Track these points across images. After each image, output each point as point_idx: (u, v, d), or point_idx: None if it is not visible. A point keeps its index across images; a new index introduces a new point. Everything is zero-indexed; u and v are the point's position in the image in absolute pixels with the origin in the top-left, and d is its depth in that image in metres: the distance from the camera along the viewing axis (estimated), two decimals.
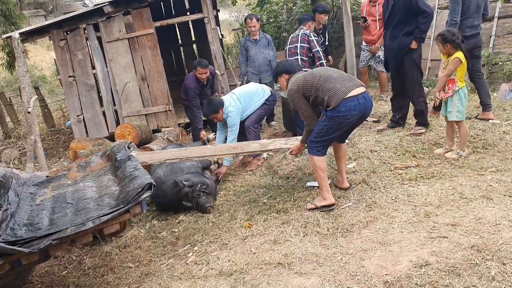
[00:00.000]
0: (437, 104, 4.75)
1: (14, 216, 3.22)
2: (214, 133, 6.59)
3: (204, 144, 6.01)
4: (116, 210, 2.93)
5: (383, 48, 7.26)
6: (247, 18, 7.28)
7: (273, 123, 7.51)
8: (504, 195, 3.62)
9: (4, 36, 8.23)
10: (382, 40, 7.12)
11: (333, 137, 3.91)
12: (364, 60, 7.72)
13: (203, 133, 6.25)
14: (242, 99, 5.54)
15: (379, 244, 3.24)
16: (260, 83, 7.23)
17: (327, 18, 7.39)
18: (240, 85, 7.46)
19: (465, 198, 3.65)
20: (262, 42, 7.17)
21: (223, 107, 5.33)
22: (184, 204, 4.58)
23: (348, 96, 3.69)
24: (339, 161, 4.28)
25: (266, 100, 5.71)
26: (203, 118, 6.62)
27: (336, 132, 3.85)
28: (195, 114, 6.42)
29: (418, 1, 5.03)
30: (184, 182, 4.57)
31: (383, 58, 7.33)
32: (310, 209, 3.94)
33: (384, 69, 7.34)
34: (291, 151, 4.32)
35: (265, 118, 7.48)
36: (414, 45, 5.20)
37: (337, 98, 3.69)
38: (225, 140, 5.53)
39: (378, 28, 7.20)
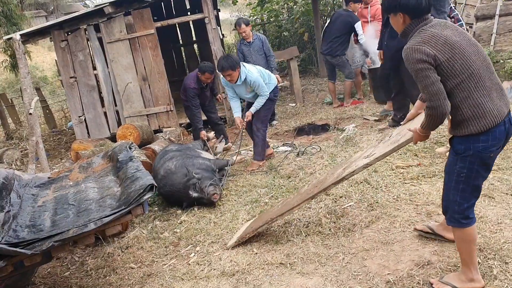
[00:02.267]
0: None
1: (16, 218, 3.23)
2: (214, 132, 6.59)
3: (204, 143, 6.02)
4: (118, 211, 2.93)
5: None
6: (236, 25, 7.17)
7: (274, 122, 7.50)
8: (506, 193, 3.62)
9: (5, 37, 8.25)
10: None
11: (480, 185, 2.57)
12: (357, 61, 7.76)
13: (203, 133, 6.26)
14: (260, 71, 5.44)
15: (381, 243, 3.25)
16: None
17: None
18: None
19: None
20: (256, 43, 7.12)
21: (240, 67, 5.20)
22: (190, 194, 4.59)
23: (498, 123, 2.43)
24: None
25: (273, 92, 5.53)
26: (203, 118, 6.63)
27: (484, 175, 2.55)
28: (194, 114, 6.42)
29: None
30: (195, 174, 4.65)
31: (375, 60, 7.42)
32: None
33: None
34: (415, 142, 2.74)
35: None
36: None
37: (484, 123, 2.40)
38: (240, 107, 5.58)
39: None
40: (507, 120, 2.47)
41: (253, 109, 5.44)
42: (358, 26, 7.17)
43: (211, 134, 6.41)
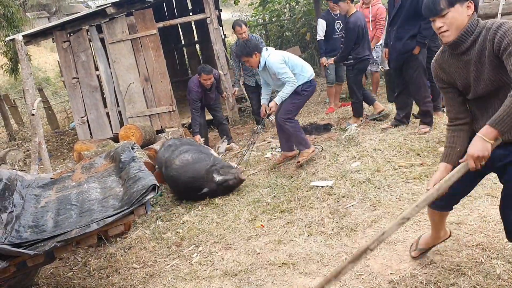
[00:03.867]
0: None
1: (19, 218, 3.23)
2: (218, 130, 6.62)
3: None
4: (120, 212, 2.94)
5: (376, 49, 7.36)
6: (235, 25, 6.90)
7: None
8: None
9: (7, 38, 8.26)
10: (375, 41, 7.19)
11: None
12: None
13: (197, 137, 6.28)
14: (287, 57, 5.02)
15: (383, 243, 3.24)
16: (256, 85, 7.22)
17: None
18: (236, 91, 7.47)
19: (470, 196, 3.62)
20: None
21: (259, 53, 4.91)
22: (214, 177, 4.73)
23: None
24: (444, 222, 2.85)
25: (303, 86, 5.05)
26: (209, 118, 6.64)
27: None
28: (194, 117, 6.45)
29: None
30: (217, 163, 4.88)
31: (377, 59, 7.46)
32: None
33: (377, 69, 7.65)
34: (475, 160, 2.09)
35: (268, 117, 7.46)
36: (416, 50, 5.20)
37: None
38: (268, 93, 5.29)
39: (371, 29, 7.11)
40: None
41: (277, 99, 5.00)
42: (317, 22, 7.34)
43: (202, 140, 6.46)
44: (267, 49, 5.03)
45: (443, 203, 2.60)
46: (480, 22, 2.23)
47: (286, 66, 4.93)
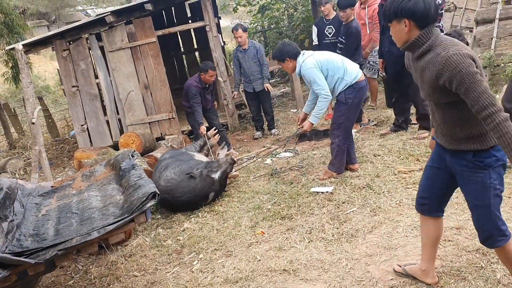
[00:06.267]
0: None
1: (20, 227, 3.24)
2: (216, 131, 6.54)
3: (205, 142, 6.05)
4: (121, 220, 2.94)
5: (373, 53, 7.01)
6: (233, 29, 7.17)
7: (273, 131, 7.46)
8: (509, 197, 3.62)
9: (7, 47, 8.29)
10: (372, 45, 6.89)
11: None
12: None
13: (203, 127, 6.27)
14: (324, 62, 4.53)
15: (384, 249, 3.25)
16: (253, 91, 7.24)
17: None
18: (236, 95, 7.48)
19: None
20: (251, 51, 7.12)
21: (294, 59, 4.58)
22: (214, 177, 4.74)
23: None
24: (434, 244, 2.74)
25: (345, 93, 4.55)
26: (206, 125, 6.64)
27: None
28: (196, 110, 6.42)
29: None
30: (195, 172, 4.79)
31: (373, 64, 7.12)
32: None
33: (374, 76, 7.27)
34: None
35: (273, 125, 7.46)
36: None
37: None
38: (311, 103, 4.78)
39: (368, 32, 6.92)
40: None
41: (312, 119, 4.65)
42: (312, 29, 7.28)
43: (212, 131, 6.37)
44: (303, 53, 4.63)
45: (426, 206, 2.69)
46: (438, 37, 2.31)
47: (320, 75, 4.48)
